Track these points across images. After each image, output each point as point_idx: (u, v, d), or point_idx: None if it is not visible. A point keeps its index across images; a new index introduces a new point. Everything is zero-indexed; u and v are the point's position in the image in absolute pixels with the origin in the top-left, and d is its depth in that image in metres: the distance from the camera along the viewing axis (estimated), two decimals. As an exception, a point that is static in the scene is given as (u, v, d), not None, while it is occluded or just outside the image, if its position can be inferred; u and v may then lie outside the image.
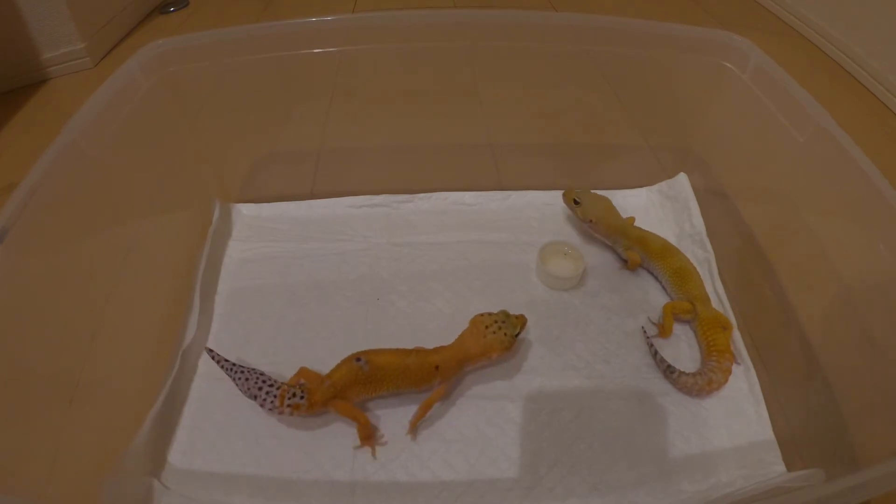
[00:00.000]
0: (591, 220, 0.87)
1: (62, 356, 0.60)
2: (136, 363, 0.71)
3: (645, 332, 0.77)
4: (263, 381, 0.66)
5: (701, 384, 0.70)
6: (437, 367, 0.67)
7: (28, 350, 0.56)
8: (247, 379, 0.66)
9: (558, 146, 1.01)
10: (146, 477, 0.62)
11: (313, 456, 0.66)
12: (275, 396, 0.65)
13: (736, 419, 0.69)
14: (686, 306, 0.78)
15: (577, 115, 0.96)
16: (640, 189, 0.99)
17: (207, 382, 0.73)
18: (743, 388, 0.72)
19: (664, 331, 0.77)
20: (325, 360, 0.74)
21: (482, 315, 0.70)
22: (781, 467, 0.64)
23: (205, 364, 0.75)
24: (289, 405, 0.64)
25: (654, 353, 0.74)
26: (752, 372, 0.73)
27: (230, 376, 0.67)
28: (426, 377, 0.67)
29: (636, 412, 0.70)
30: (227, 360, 0.68)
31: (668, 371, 0.72)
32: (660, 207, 0.96)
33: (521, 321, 0.70)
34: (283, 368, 0.73)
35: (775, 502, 0.43)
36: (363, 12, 1.32)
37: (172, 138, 0.85)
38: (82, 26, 1.39)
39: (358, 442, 0.66)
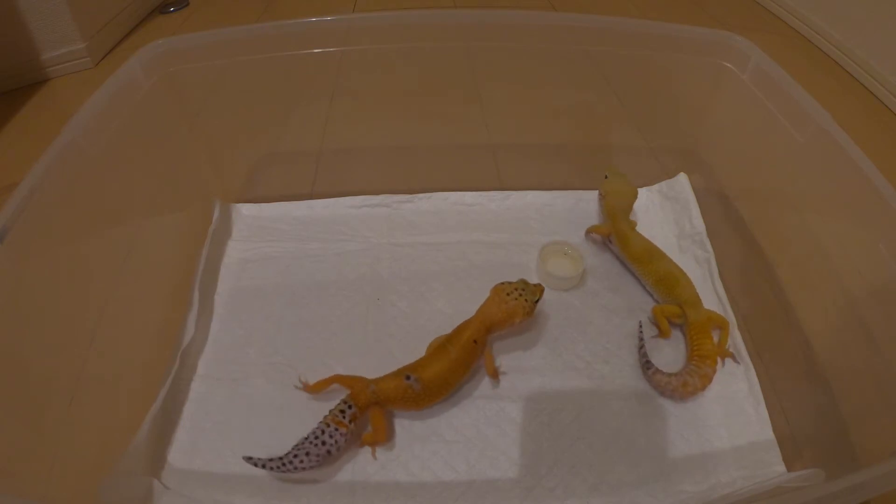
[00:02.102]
0: (601, 195, 0.88)
1: (62, 356, 0.60)
2: (135, 363, 0.71)
3: (640, 325, 0.77)
4: (317, 437, 0.62)
5: (675, 385, 0.69)
6: (474, 342, 0.68)
7: (28, 350, 0.56)
8: (307, 453, 0.61)
9: (558, 146, 1.01)
10: (146, 477, 0.62)
11: (313, 456, 0.66)
12: (335, 430, 0.62)
13: (736, 419, 0.69)
14: (675, 310, 0.77)
15: (577, 116, 0.96)
16: (640, 189, 0.99)
17: (207, 382, 0.73)
18: (743, 388, 0.72)
19: (662, 333, 0.77)
20: (325, 361, 0.74)
21: (502, 284, 0.71)
22: (781, 467, 0.64)
23: (204, 364, 0.75)
24: (350, 421, 0.63)
25: (640, 346, 0.74)
26: (752, 372, 0.73)
27: (290, 469, 0.61)
28: (472, 357, 0.68)
29: (636, 412, 0.70)
30: (272, 460, 0.62)
31: (645, 366, 0.72)
32: (660, 208, 0.96)
33: (540, 289, 0.72)
34: (283, 368, 0.73)
35: (775, 502, 0.43)
36: (363, 12, 1.32)
37: (172, 138, 0.85)
38: (82, 26, 1.39)
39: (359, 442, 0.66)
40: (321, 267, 0.87)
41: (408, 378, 0.65)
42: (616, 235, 0.85)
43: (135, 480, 0.61)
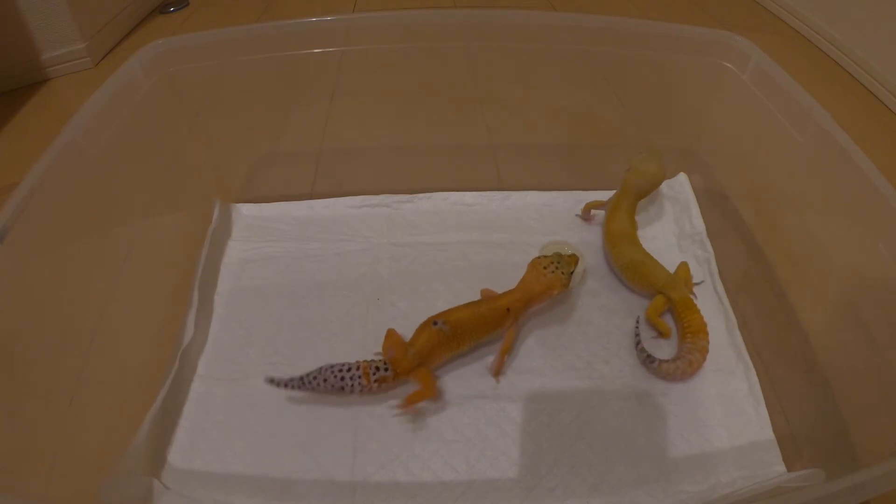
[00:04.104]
0: (627, 169, 0.87)
1: (62, 356, 0.60)
2: (135, 363, 0.71)
3: (637, 322, 0.77)
4: (339, 370, 0.66)
5: (682, 367, 0.70)
6: (508, 310, 0.71)
7: (28, 350, 0.56)
8: (325, 380, 0.66)
9: (558, 146, 1.01)
10: (146, 477, 0.62)
11: (313, 456, 0.66)
12: (360, 377, 0.66)
13: (736, 419, 0.69)
14: (661, 301, 0.78)
15: (577, 116, 0.96)
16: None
17: (207, 382, 0.73)
18: (743, 388, 0.72)
19: (662, 334, 0.77)
20: (325, 360, 0.74)
21: (539, 258, 0.75)
22: (781, 467, 0.64)
23: (204, 364, 0.75)
24: (376, 380, 0.66)
25: (637, 343, 0.74)
26: (753, 372, 0.73)
27: (307, 387, 0.67)
28: (500, 321, 0.71)
29: (636, 412, 0.70)
30: (292, 379, 0.67)
31: (647, 360, 0.72)
32: (660, 208, 0.96)
33: (574, 260, 0.75)
34: (283, 368, 0.73)
35: (775, 502, 0.43)
36: (363, 12, 1.32)
37: (172, 138, 0.85)
38: (82, 26, 1.38)
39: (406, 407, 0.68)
40: (321, 267, 0.87)
41: (435, 324, 0.69)
42: (610, 208, 0.86)
43: (135, 480, 0.61)
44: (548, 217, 0.95)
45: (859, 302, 0.63)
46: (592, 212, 0.92)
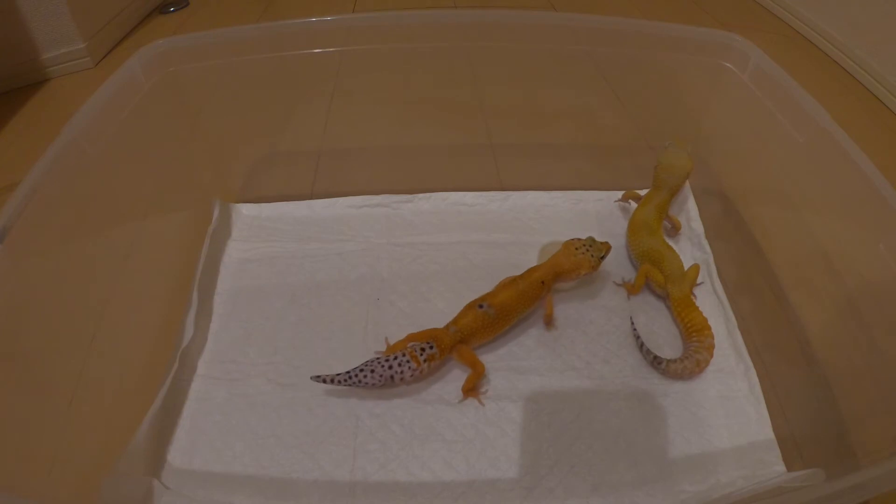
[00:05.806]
0: (656, 166, 0.89)
1: (62, 356, 0.60)
2: (135, 363, 0.71)
3: (633, 323, 0.77)
4: (387, 360, 0.68)
5: (691, 367, 0.71)
6: (542, 282, 0.75)
7: (28, 350, 0.56)
8: (372, 371, 0.67)
9: (558, 147, 1.01)
10: (146, 477, 0.62)
11: (313, 456, 0.66)
12: (407, 360, 0.67)
13: (736, 419, 0.69)
14: (659, 279, 0.79)
15: (577, 116, 0.96)
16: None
17: (207, 382, 0.73)
18: (743, 388, 0.72)
19: (633, 288, 0.79)
20: (325, 360, 0.74)
21: (572, 240, 0.79)
22: (781, 467, 0.64)
23: (204, 364, 0.75)
24: (425, 360, 0.68)
25: (641, 346, 0.74)
26: (753, 372, 0.73)
27: (354, 383, 0.67)
28: (537, 294, 0.75)
29: (636, 412, 0.70)
30: (339, 374, 0.67)
31: (655, 362, 0.72)
32: (660, 207, 0.96)
33: (606, 247, 0.79)
34: (283, 368, 0.73)
35: (775, 502, 0.43)
36: (363, 12, 1.32)
37: (173, 138, 0.85)
38: (82, 26, 1.38)
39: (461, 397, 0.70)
40: (321, 267, 0.87)
41: (481, 307, 0.72)
42: (641, 202, 0.88)
43: (135, 480, 0.61)
44: (548, 217, 0.95)
45: (859, 302, 0.63)
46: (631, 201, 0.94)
